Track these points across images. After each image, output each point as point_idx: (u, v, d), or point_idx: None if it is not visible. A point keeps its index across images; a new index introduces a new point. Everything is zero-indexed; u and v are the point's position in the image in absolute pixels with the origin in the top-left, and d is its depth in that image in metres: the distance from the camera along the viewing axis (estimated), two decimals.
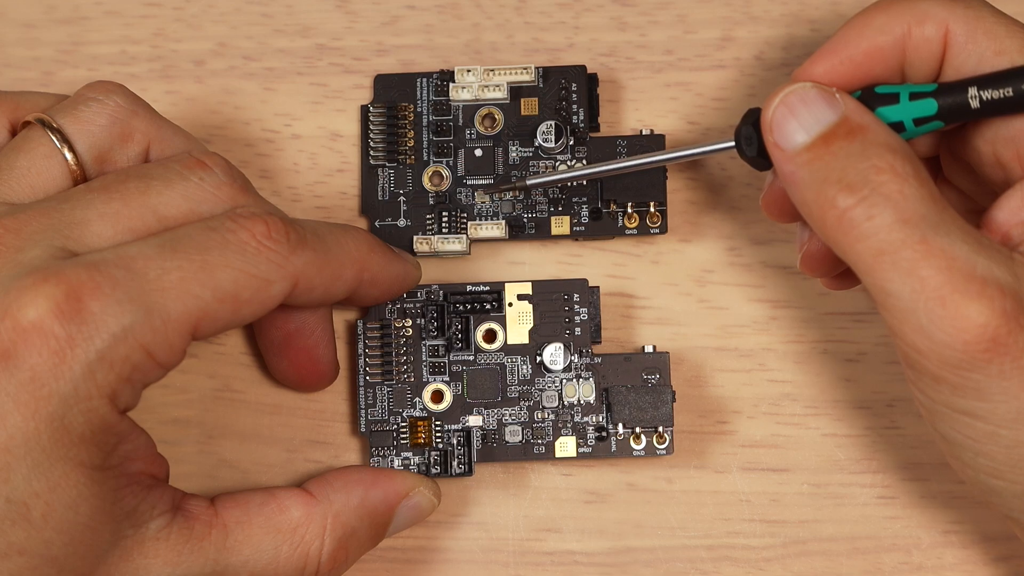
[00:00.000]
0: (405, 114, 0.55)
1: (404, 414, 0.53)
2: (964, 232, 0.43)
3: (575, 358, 0.53)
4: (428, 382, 0.53)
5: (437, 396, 0.53)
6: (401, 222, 0.54)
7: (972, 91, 0.44)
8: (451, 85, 0.54)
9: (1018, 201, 0.45)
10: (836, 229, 0.44)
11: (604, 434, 0.53)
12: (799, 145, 0.45)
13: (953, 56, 0.46)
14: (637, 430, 0.52)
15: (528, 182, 0.53)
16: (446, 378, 0.53)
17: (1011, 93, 0.44)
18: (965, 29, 0.45)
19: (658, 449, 0.53)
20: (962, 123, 0.46)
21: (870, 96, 0.46)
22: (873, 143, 0.44)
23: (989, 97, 0.44)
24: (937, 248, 0.43)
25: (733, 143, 0.48)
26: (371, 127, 0.55)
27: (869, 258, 0.43)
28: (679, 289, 0.55)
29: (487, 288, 0.53)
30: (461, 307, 0.53)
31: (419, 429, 0.53)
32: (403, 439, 0.53)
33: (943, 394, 0.44)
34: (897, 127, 0.45)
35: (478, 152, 0.54)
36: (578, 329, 0.53)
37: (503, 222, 0.54)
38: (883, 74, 0.46)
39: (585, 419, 0.53)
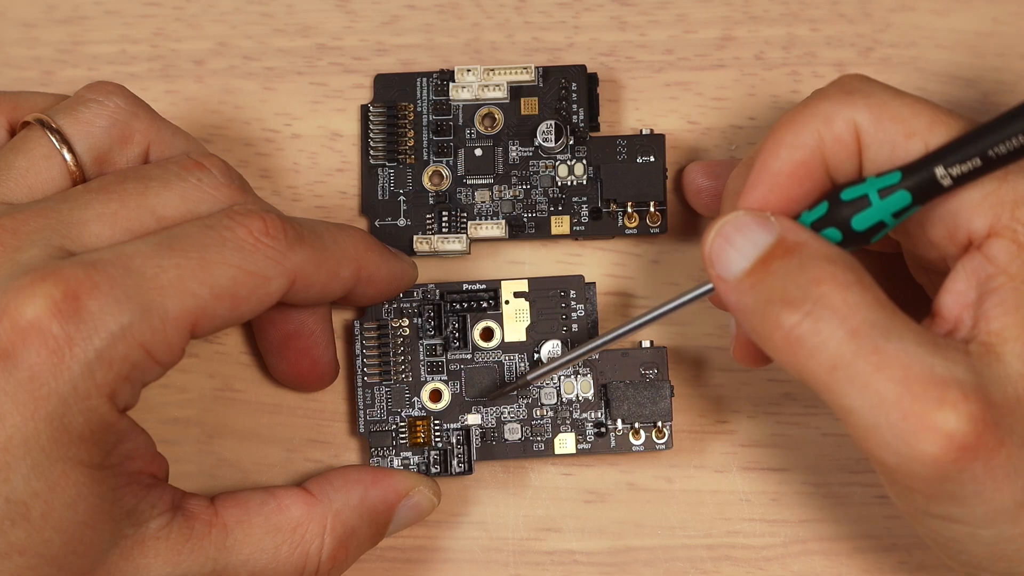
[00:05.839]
0: (405, 114, 0.55)
1: (403, 414, 0.53)
2: (916, 334, 0.42)
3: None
4: (426, 381, 0.53)
5: (435, 395, 0.53)
6: (401, 222, 0.54)
7: (940, 171, 0.43)
8: (451, 85, 0.55)
9: (962, 283, 0.44)
10: (785, 349, 0.43)
11: (603, 430, 0.53)
12: (740, 272, 0.44)
13: (867, 148, 0.45)
14: (636, 425, 0.53)
15: (528, 377, 0.52)
16: (444, 377, 0.53)
17: (980, 163, 0.43)
18: (870, 119, 0.45)
19: (657, 444, 0.53)
20: None
21: (838, 204, 0.45)
22: (811, 256, 0.43)
23: (959, 172, 0.43)
24: (891, 356, 0.42)
25: (711, 286, 0.46)
26: (371, 127, 0.55)
27: (823, 375, 0.42)
28: (679, 289, 0.55)
29: (484, 286, 0.53)
30: (458, 305, 0.53)
31: (418, 428, 0.53)
32: (402, 439, 0.53)
33: (917, 502, 0.43)
34: (878, 227, 0.44)
35: (478, 152, 0.55)
36: (575, 326, 0.53)
37: (503, 222, 0.54)
38: (814, 186, 0.45)
39: (584, 415, 0.53)
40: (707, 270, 0.45)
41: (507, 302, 0.53)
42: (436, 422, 0.53)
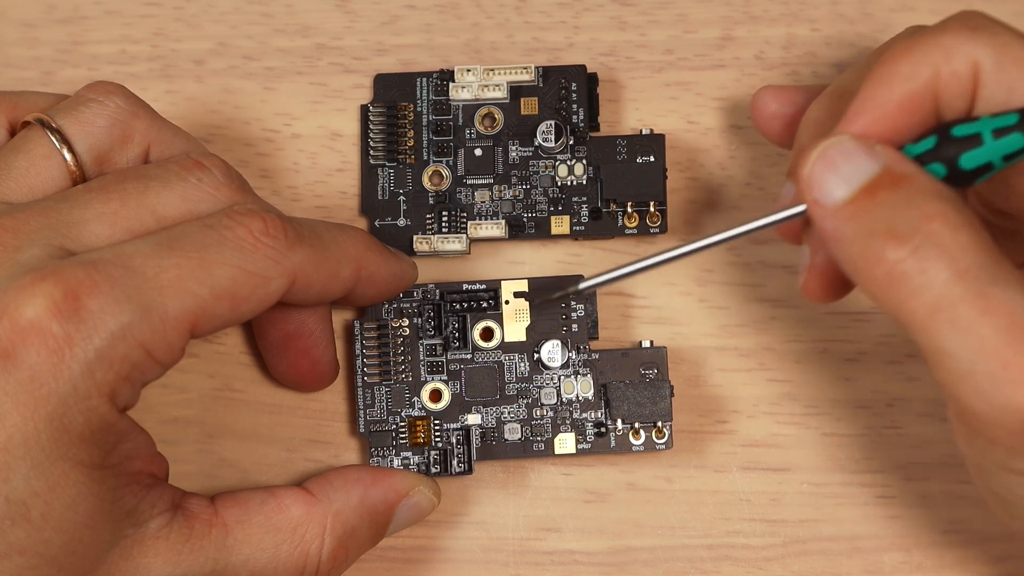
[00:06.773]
0: (405, 114, 0.55)
1: (403, 414, 0.53)
2: (1021, 283, 0.41)
3: (573, 355, 0.53)
4: (426, 381, 0.53)
5: (435, 395, 0.53)
6: (401, 222, 0.54)
7: None
8: (451, 85, 0.55)
9: None
10: (886, 285, 0.41)
11: (603, 430, 0.53)
12: (841, 200, 0.42)
13: (983, 87, 0.43)
14: (636, 425, 0.52)
15: (580, 286, 0.49)
16: (444, 377, 0.53)
17: None
18: (993, 59, 0.43)
19: (657, 444, 0.53)
20: None
21: (948, 140, 0.43)
22: (920, 191, 0.42)
23: None
24: (997, 303, 0.40)
25: (803, 208, 0.44)
26: (371, 127, 0.55)
27: (923, 315, 0.41)
28: (679, 288, 0.55)
29: (484, 286, 0.53)
30: (458, 305, 0.53)
31: (418, 428, 0.53)
32: (402, 439, 0.53)
33: (997, 455, 0.42)
34: (985, 168, 0.43)
35: (478, 152, 0.55)
36: (575, 326, 0.53)
37: (503, 222, 0.54)
38: (920, 121, 0.44)
39: (584, 415, 0.53)
40: (804, 193, 0.43)
41: (507, 302, 0.53)
42: (436, 422, 0.53)
